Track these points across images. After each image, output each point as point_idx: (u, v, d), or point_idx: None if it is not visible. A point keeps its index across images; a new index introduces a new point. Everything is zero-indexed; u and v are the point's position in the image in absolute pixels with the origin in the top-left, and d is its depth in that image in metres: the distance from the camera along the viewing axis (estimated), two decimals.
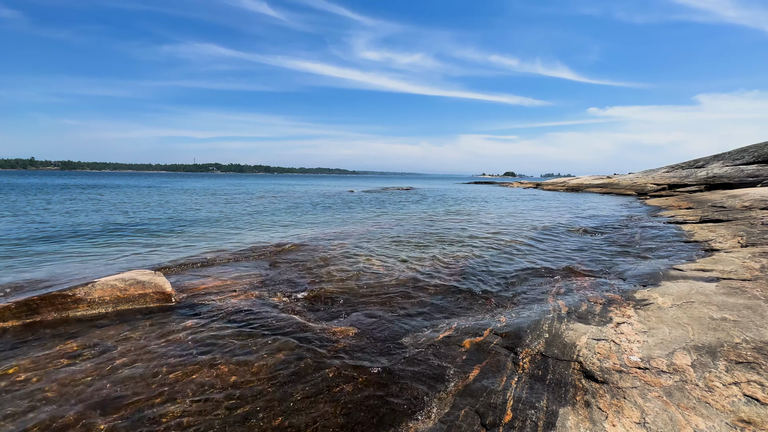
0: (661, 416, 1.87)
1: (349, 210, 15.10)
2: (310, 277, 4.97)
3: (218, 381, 2.44)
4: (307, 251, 6.46)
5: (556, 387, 2.24)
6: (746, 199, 11.57)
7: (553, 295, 4.06)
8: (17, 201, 16.63)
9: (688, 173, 24.32)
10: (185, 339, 3.06)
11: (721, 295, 3.45)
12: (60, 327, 3.29)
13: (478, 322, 3.32)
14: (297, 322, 3.41)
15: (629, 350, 2.54)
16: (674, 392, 2.05)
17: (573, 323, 3.09)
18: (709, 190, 19.77)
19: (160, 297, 3.93)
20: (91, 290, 3.74)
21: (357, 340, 3.05)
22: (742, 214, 8.91)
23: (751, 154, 22.87)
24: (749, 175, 19.85)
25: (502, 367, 2.53)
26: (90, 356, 2.77)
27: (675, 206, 13.72)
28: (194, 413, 2.11)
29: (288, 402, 2.22)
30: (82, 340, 3.02)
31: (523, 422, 1.95)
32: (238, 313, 3.64)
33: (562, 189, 33.33)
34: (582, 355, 2.52)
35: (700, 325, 2.82)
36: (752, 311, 3.02)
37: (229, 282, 4.64)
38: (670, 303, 3.36)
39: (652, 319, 3.02)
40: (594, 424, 1.87)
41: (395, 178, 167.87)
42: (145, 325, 3.34)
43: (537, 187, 40.07)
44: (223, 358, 2.75)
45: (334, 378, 2.48)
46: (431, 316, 3.64)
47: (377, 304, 3.93)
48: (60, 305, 3.56)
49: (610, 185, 28.64)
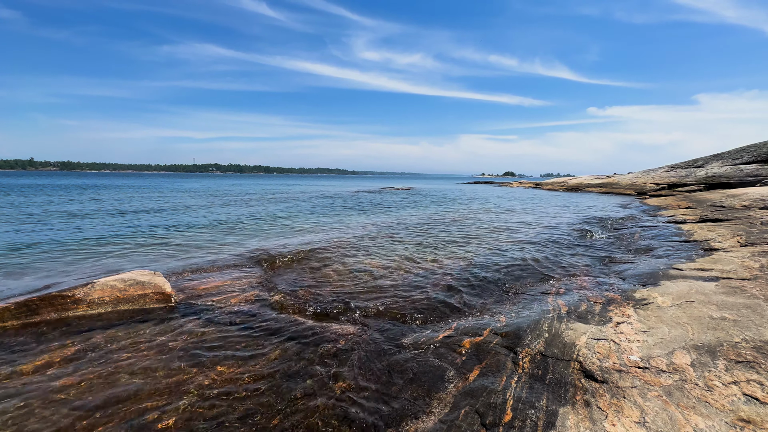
0: (661, 415, 1.87)
1: (349, 210, 15.10)
2: (310, 277, 4.97)
3: (218, 381, 2.44)
4: (307, 252, 6.46)
5: (556, 386, 2.24)
6: (745, 198, 11.58)
7: (552, 295, 4.06)
8: (15, 201, 16.62)
9: (688, 173, 24.34)
10: (185, 339, 3.06)
11: (720, 295, 3.45)
12: (59, 327, 3.28)
13: (477, 322, 3.32)
14: (296, 322, 3.41)
15: (629, 350, 2.54)
16: (674, 391, 2.05)
17: (573, 323, 3.09)
18: (708, 189, 19.79)
19: (159, 297, 3.93)
20: (90, 291, 3.73)
21: (356, 340, 3.05)
22: (741, 214, 8.92)
23: (751, 153, 22.90)
24: (748, 175, 19.87)
25: (502, 366, 2.53)
26: (89, 357, 2.77)
27: (674, 206, 13.72)
28: (194, 414, 2.11)
29: (287, 402, 2.22)
30: (81, 341, 3.02)
31: (523, 422, 1.95)
32: (238, 313, 3.64)
33: (561, 189, 33.34)
34: (582, 355, 2.52)
35: (700, 325, 2.82)
36: (752, 310, 3.02)
37: (229, 282, 4.64)
38: (670, 302, 3.36)
39: (651, 319, 3.02)
40: (594, 423, 1.87)
41: (395, 178, 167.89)
42: (144, 326, 3.34)
43: (536, 187, 40.08)
44: (223, 358, 2.75)
45: (334, 377, 2.48)
46: (431, 315, 3.64)
47: (377, 304, 3.93)
48: (60, 306, 3.56)
49: (610, 185, 28.66)
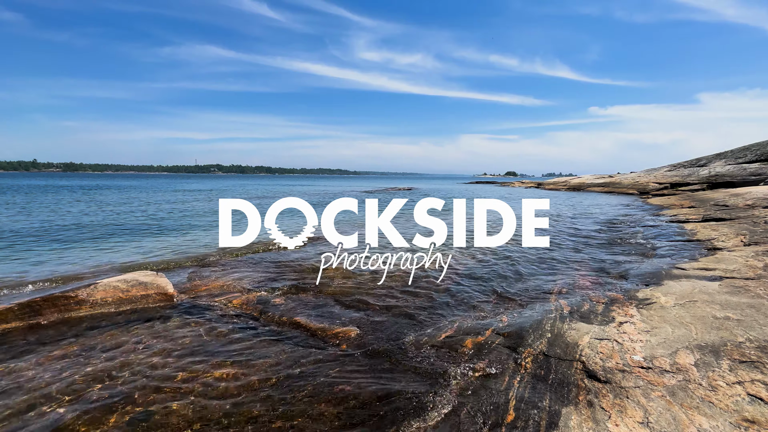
0: (665, 416, 1.86)
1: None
2: (313, 278, 4.98)
3: (220, 382, 2.44)
4: (309, 253, 6.46)
5: (559, 387, 2.23)
6: (749, 197, 11.52)
7: (555, 295, 4.05)
8: (16, 199, 16.71)
9: (690, 172, 24.23)
10: (187, 340, 3.06)
11: (724, 294, 3.43)
12: (62, 328, 3.30)
13: (479, 322, 3.31)
14: (298, 322, 3.41)
15: (632, 350, 2.52)
16: (677, 392, 2.04)
17: (575, 323, 3.08)
18: (711, 188, 19.68)
19: (162, 298, 3.94)
20: (93, 291, 3.75)
21: (358, 341, 3.05)
22: (744, 213, 8.86)
23: (754, 152, 22.77)
24: (752, 174, 19.76)
25: (505, 366, 2.52)
26: (92, 358, 2.78)
27: (677, 205, 13.66)
28: (196, 415, 2.12)
29: (289, 403, 2.22)
30: (84, 342, 3.03)
31: (525, 422, 1.94)
32: (240, 313, 3.65)
33: (563, 188, 33.25)
34: (584, 355, 2.51)
35: (703, 325, 2.80)
36: (756, 310, 3.00)
37: (231, 282, 4.65)
38: (673, 302, 3.34)
39: (654, 319, 3.01)
40: (597, 423, 1.86)
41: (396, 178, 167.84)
42: (147, 326, 3.34)
43: (538, 186, 39.99)
44: (226, 358, 2.75)
45: (336, 378, 2.48)
46: (432, 315, 3.64)
47: (379, 304, 3.93)
48: (63, 306, 3.57)
49: (612, 184, 28.56)
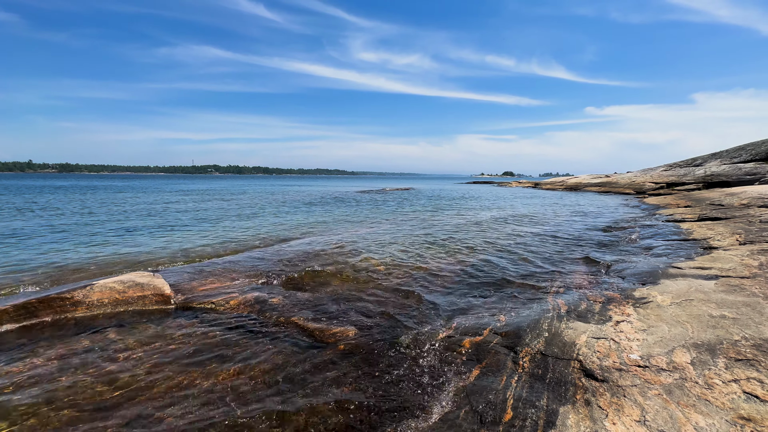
0: (661, 414, 1.87)
1: (348, 210, 15.09)
2: (310, 278, 4.97)
3: (217, 383, 2.43)
4: (307, 253, 6.45)
5: (556, 386, 2.23)
6: (744, 197, 11.60)
7: (552, 294, 4.06)
8: (11, 200, 16.58)
9: (686, 171, 24.38)
10: (184, 341, 3.05)
11: (720, 293, 3.45)
12: (58, 329, 3.27)
13: (477, 321, 3.32)
14: (296, 323, 3.40)
15: (629, 348, 2.53)
16: (674, 390, 2.05)
17: (572, 322, 3.09)
18: (707, 188, 19.82)
19: (159, 299, 3.92)
20: (89, 292, 3.72)
21: (356, 341, 3.05)
22: (740, 212, 8.93)
23: (749, 152, 22.94)
24: (747, 173, 19.91)
25: (502, 366, 2.52)
26: (87, 359, 2.76)
27: (673, 204, 13.74)
28: (193, 416, 2.11)
29: (287, 403, 2.21)
30: (79, 343, 3.01)
31: (523, 421, 1.94)
32: (237, 314, 3.63)
33: (560, 188, 33.36)
34: (582, 354, 2.52)
35: (700, 323, 2.82)
36: (751, 308, 3.02)
37: (228, 283, 4.63)
38: (670, 301, 3.36)
39: (651, 318, 3.02)
40: (594, 422, 1.87)
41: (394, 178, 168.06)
42: (143, 328, 3.33)
43: (536, 186, 40.09)
44: (222, 360, 2.74)
45: (335, 379, 2.48)
46: (431, 315, 3.64)
47: (377, 305, 3.93)
48: (59, 308, 3.55)
49: (609, 184, 28.69)
